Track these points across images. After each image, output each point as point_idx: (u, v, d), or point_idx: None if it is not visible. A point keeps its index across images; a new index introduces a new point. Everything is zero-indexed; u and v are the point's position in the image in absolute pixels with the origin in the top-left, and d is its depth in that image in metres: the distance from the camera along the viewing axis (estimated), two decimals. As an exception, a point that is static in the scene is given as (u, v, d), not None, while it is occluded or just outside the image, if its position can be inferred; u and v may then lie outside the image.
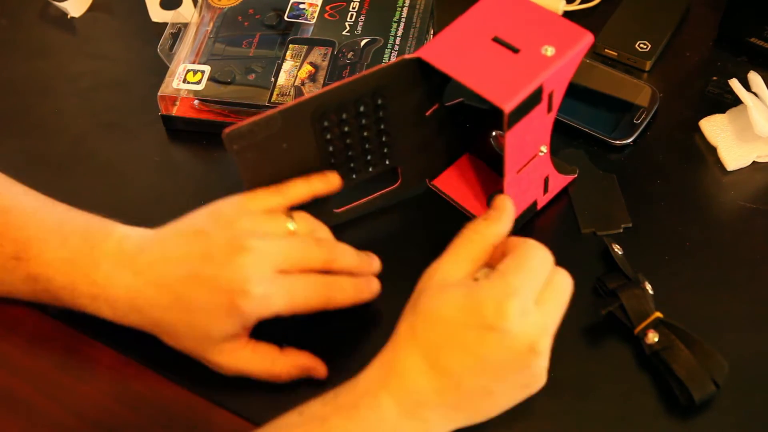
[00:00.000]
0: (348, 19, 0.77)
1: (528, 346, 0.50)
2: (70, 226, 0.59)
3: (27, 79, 0.81)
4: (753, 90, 0.71)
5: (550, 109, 0.59)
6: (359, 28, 0.76)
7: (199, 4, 0.80)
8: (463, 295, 0.51)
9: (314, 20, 0.78)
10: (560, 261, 0.65)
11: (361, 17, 0.77)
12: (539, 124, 0.59)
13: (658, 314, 0.59)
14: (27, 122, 0.78)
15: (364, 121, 0.62)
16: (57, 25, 0.86)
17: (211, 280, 0.54)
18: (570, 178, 0.69)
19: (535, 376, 0.52)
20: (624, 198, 0.68)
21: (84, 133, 0.76)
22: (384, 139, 0.64)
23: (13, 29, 0.86)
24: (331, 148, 0.62)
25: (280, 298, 0.56)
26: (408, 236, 0.68)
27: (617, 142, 0.72)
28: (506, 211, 0.56)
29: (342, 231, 0.65)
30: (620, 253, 0.63)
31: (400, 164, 0.66)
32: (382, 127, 0.63)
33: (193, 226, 0.58)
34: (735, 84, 0.71)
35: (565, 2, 0.82)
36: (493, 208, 0.57)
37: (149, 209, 0.70)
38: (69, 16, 0.86)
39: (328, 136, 0.61)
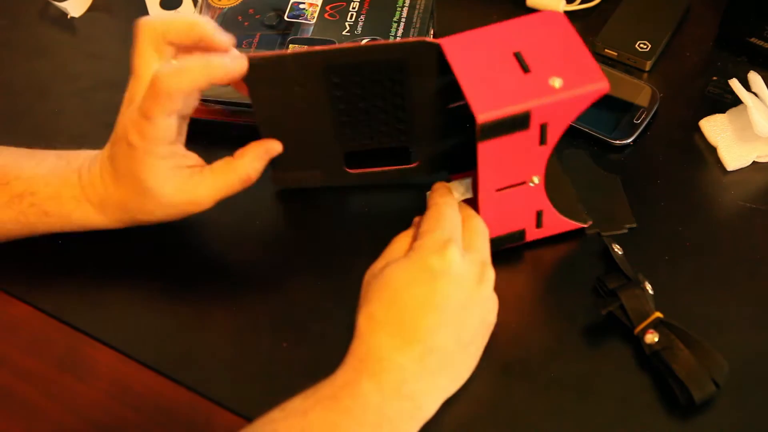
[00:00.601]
0: (348, 19, 0.77)
1: (477, 278, 0.55)
2: (41, 153, 0.64)
3: (27, 79, 0.81)
4: (753, 90, 0.71)
5: (543, 142, 0.57)
6: (359, 28, 0.76)
7: (199, 4, 0.80)
8: (404, 264, 0.54)
9: (314, 20, 0.78)
10: (560, 261, 0.66)
11: (361, 17, 0.77)
12: (527, 152, 0.57)
13: (658, 314, 0.59)
14: (27, 122, 0.78)
15: (377, 90, 0.62)
16: (57, 25, 0.86)
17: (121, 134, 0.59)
18: (576, 225, 0.66)
19: (488, 305, 0.57)
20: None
21: (84, 133, 0.76)
22: (399, 114, 0.63)
23: (13, 29, 0.86)
24: (342, 106, 0.63)
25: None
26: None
27: (617, 142, 0.72)
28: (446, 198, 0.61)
29: (337, 242, 0.66)
30: (620, 253, 0.63)
31: (416, 146, 0.66)
32: (397, 101, 0.63)
33: None
34: (735, 84, 0.71)
35: (565, 2, 0.82)
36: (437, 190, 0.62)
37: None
38: (69, 16, 0.86)
39: (339, 94, 0.62)
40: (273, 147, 0.63)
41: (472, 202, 0.63)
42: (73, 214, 0.62)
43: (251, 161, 0.62)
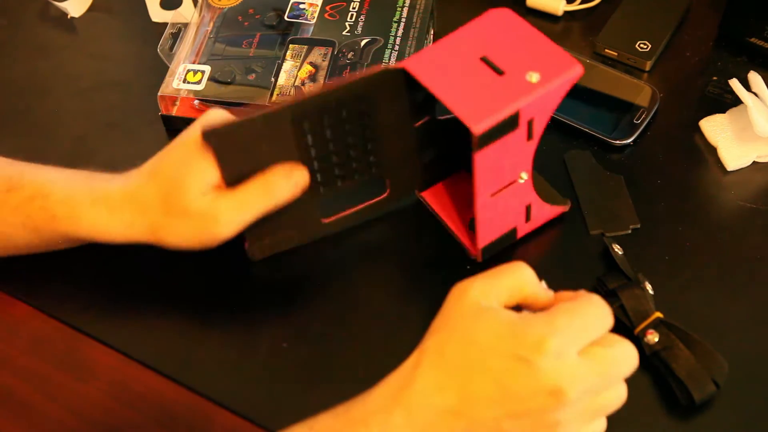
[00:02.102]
0: (348, 19, 0.77)
1: (552, 388, 0.46)
2: (55, 166, 0.63)
3: (27, 79, 0.81)
4: (753, 90, 0.71)
5: (530, 137, 0.57)
6: (359, 28, 0.76)
7: (199, 4, 0.80)
8: (503, 323, 0.48)
9: (314, 20, 0.78)
10: (561, 261, 0.65)
11: (361, 17, 0.77)
12: (517, 150, 0.58)
13: (658, 314, 0.59)
14: (27, 122, 0.78)
15: (347, 127, 0.61)
16: (57, 25, 0.86)
17: (181, 143, 0.60)
18: (560, 209, 0.66)
19: (556, 430, 0.48)
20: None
21: (84, 133, 0.76)
22: (369, 146, 0.63)
23: (13, 29, 0.86)
24: (312, 152, 0.61)
25: (247, 209, 0.59)
26: (399, 247, 0.68)
27: (617, 142, 0.72)
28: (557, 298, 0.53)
29: (334, 243, 0.66)
30: (620, 253, 0.63)
31: (387, 174, 0.66)
32: (367, 134, 0.62)
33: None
34: (735, 84, 0.70)
35: (565, 2, 0.82)
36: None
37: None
38: (69, 16, 0.86)
39: (309, 140, 0.60)
40: (299, 169, 0.61)
41: (465, 211, 0.63)
42: (84, 218, 0.60)
43: (277, 177, 0.59)
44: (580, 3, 0.83)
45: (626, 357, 0.49)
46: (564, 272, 0.65)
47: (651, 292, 0.61)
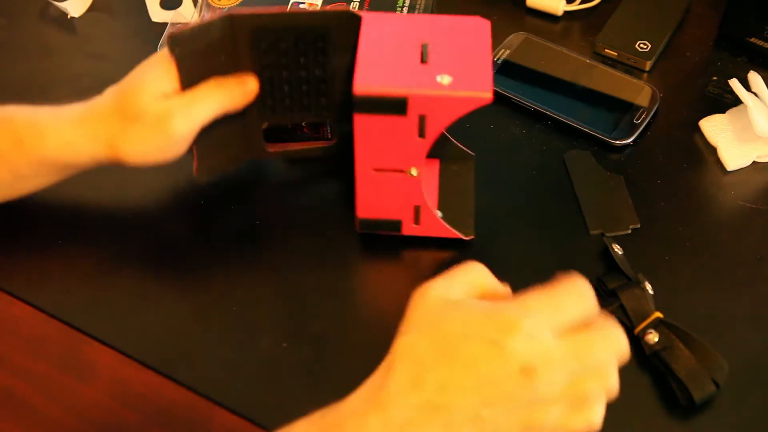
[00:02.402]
0: (348, 19, 0.77)
1: (523, 365, 0.45)
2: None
3: (27, 79, 0.81)
4: (753, 90, 0.71)
5: (422, 135, 0.57)
6: (359, 28, 0.76)
7: (199, 4, 0.80)
8: (473, 310, 0.48)
9: (314, 20, 0.78)
10: (561, 261, 0.65)
11: (361, 17, 0.77)
12: (405, 140, 0.58)
13: (658, 314, 0.59)
14: (27, 122, 0.77)
15: (302, 60, 0.62)
16: (57, 25, 0.86)
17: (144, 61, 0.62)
18: (453, 234, 0.64)
19: (536, 416, 0.46)
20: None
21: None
22: (322, 87, 0.64)
23: (13, 29, 0.86)
24: (266, 74, 0.63)
25: (201, 106, 0.61)
26: (398, 247, 0.68)
27: (617, 142, 0.72)
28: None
29: (335, 243, 0.66)
30: (620, 253, 0.63)
31: (337, 120, 0.66)
32: (320, 73, 0.63)
33: None
34: (735, 84, 0.71)
35: (565, 2, 0.82)
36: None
37: (149, 209, 0.70)
38: (69, 16, 0.86)
39: (265, 61, 0.62)
40: (251, 78, 0.63)
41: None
42: (48, 136, 0.62)
43: (230, 81, 0.62)
44: (580, 3, 0.83)
45: (608, 341, 0.48)
46: (564, 272, 0.65)
47: (651, 292, 0.61)
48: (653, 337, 0.58)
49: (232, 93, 0.63)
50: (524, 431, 0.47)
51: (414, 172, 0.60)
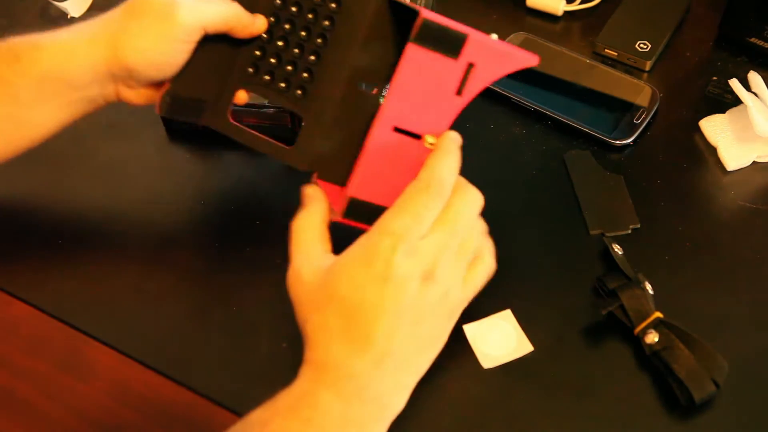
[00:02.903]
0: (348, 19, 0.77)
1: (419, 280, 0.50)
2: None
3: (27, 79, 0.81)
4: (753, 90, 0.71)
5: (460, 91, 0.54)
6: (359, 28, 0.76)
7: (199, 3, 0.80)
8: (349, 265, 0.51)
9: (314, 20, 0.77)
10: (561, 261, 0.65)
11: (361, 17, 0.77)
12: (442, 92, 0.54)
13: (658, 314, 0.59)
14: (27, 122, 0.77)
15: (310, 18, 0.58)
16: (57, 25, 0.85)
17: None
18: None
19: (450, 301, 0.53)
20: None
21: (84, 133, 0.76)
22: (308, 75, 0.59)
23: (13, 29, 0.86)
24: (273, 21, 0.59)
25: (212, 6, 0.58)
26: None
27: (617, 142, 0.72)
28: (316, 198, 0.56)
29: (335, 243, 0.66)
30: (620, 253, 0.63)
31: (306, 115, 0.59)
32: (320, 44, 0.58)
33: None
34: (735, 84, 0.71)
35: (565, 2, 0.82)
36: (305, 196, 0.56)
37: (149, 209, 0.70)
38: (69, 16, 0.86)
39: (278, 3, 0.59)
40: (261, 17, 0.59)
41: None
42: (45, 47, 0.58)
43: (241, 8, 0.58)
44: (580, 3, 0.83)
45: (467, 204, 0.53)
46: (564, 272, 0.65)
47: (651, 292, 0.61)
48: (653, 337, 0.58)
49: (240, 13, 0.58)
50: (450, 316, 0.54)
51: (430, 140, 0.54)
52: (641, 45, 0.78)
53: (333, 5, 0.58)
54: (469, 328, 0.61)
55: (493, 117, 0.75)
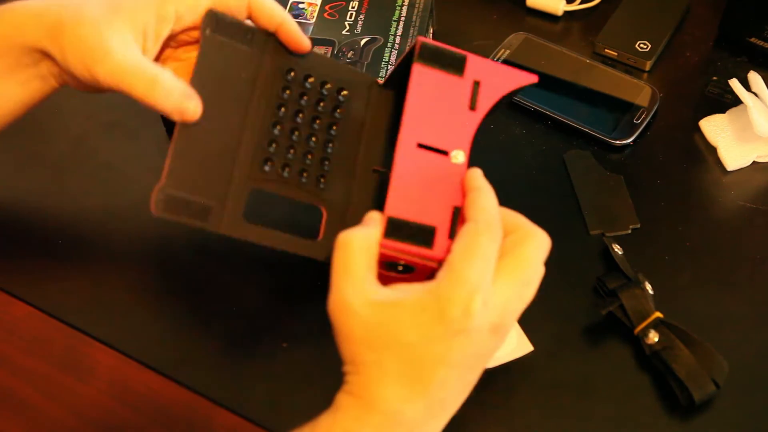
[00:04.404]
0: (347, 19, 0.77)
1: (489, 332, 0.47)
2: None
3: (27, 79, 0.81)
4: (753, 90, 0.71)
5: (473, 106, 0.54)
6: (359, 28, 0.77)
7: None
8: (415, 308, 0.47)
9: (314, 20, 0.78)
10: (560, 261, 0.65)
11: (361, 16, 0.77)
12: (457, 107, 0.53)
13: (658, 314, 0.59)
14: (27, 122, 0.77)
15: (317, 121, 0.57)
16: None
17: None
18: None
19: (491, 350, 0.50)
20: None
21: (84, 133, 0.76)
22: (326, 165, 0.57)
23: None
24: (281, 111, 0.56)
25: None
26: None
27: (617, 142, 0.72)
28: (375, 221, 0.51)
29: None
30: (620, 253, 0.63)
31: (327, 206, 0.57)
32: (330, 147, 0.57)
33: None
34: (735, 84, 0.71)
35: (565, 2, 0.82)
36: (367, 218, 0.51)
37: (149, 209, 0.70)
38: (69, 16, 0.86)
39: (285, 95, 0.56)
40: (196, 98, 0.53)
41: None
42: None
43: (172, 89, 0.53)
44: (580, 3, 0.83)
45: (538, 251, 0.50)
46: (564, 272, 0.65)
47: (651, 292, 0.61)
48: (653, 337, 0.58)
49: (170, 86, 0.53)
50: (485, 359, 0.51)
51: (460, 158, 0.53)
52: (641, 45, 0.78)
53: (344, 92, 0.58)
54: (469, 328, 0.61)
55: (493, 117, 0.75)
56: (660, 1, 0.82)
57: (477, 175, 0.52)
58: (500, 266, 0.48)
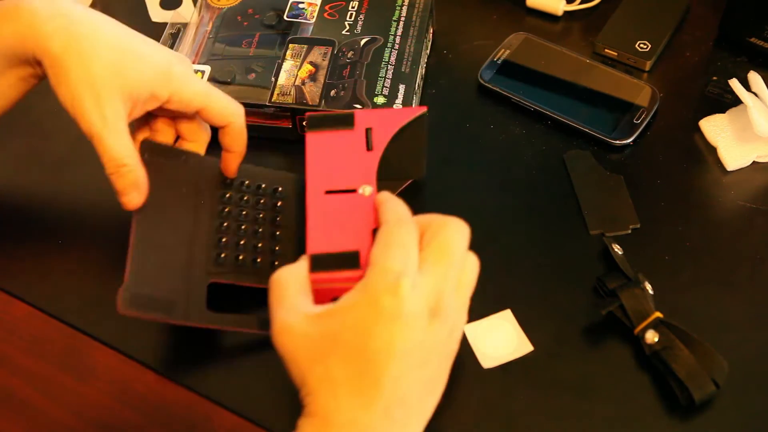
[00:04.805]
0: (347, 19, 0.77)
1: (428, 316, 0.48)
2: None
3: (27, 79, 0.81)
4: (753, 90, 0.71)
5: (369, 147, 0.60)
6: (359, 28, 0.76)
7: (198, 4, 0.80)
8: (348, 307, 0.48)
9: (314, 20, 0.78)
10: (560, 261, 0.65)
11: (361, 16, 0.77)
12: (354, 155, 0.59)
13: (658, 314, 0.59)
14: (27, 122, 0.77)
15: (260, 214, 0.64)
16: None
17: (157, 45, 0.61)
18: None
19: (453, 339, 0.51)
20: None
21: (84, 133, 0.76)
22: (277, 248, 0.63)
23: (13, 29, 0.86)
24: (226, 211, 0.63)
25: (204, 86, 0.61)
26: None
27: (617, 142, 0.72)
28: (301, 259, 0.54)
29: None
30: (620, 253, 0.63)
31: None
32: (277, 234, 0.64)
33: None
34: (735, 84, 0.71)
35: (565, 2, 0.82)
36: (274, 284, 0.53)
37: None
38: (69, 16, 0.86)
39: (227, 198, 0.63)
40: (144, 184, 0.59)
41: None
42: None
43: (136, 176, 0.58)
44: (580, 3, 0.83)
45: (457, 235, 0.51)
46: (564, 272, 0.65)
47: (651, 292, 0.61)
48: (653, 337, 0.58)
49: (131, 171, 0.58)
50: (451, 356, 0.51)
51: (367, 190, 0.57)
52: (641, 45, 0.78)
53: (279, 189, 0.66)
54: (469, 328, 0.62)
55: (493, 117, 0.75)
56: (660, 1, 0.82)
57: (384, 194, 0.55)
58: (423, 256, 0.50)
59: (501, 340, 0.61)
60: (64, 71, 0.56)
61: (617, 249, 0.64)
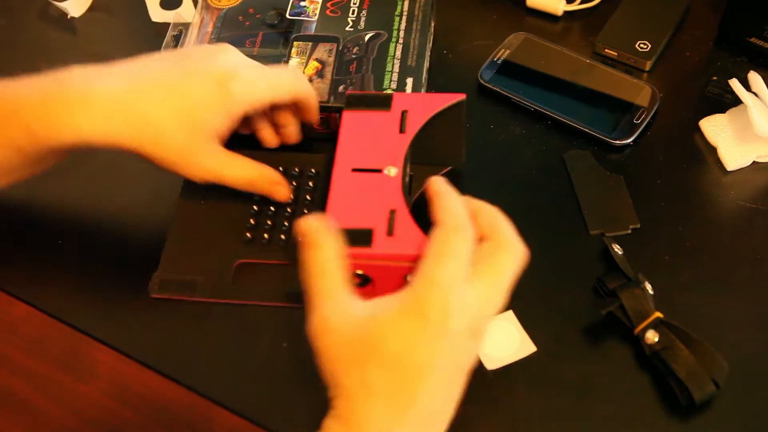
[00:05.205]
0: (350, 15, 0.77)
1: (468, 335, 0.48)
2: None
3: (27, 79, 0.81)
4: (753, 90, 0.71)
5: (402, 130, 0.61)
6: (362, 23, 0.76)
7: (198, 4, 0.80)
8: (395, 316, 0.47)
9: (316, 17, 0.78)
10: (560, 261, 0.65)
11: (363, 12, 0.77)
12: (386, 136, 0.61)
13: (658, 314, 0.59)
14: (27, 122, 0.78)
15: (294, 185, 0.67)
16: (57, 25, 0.86)
17: (202, 69, 0.60)
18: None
19: (472, 356, 0.50)
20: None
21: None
22: (306, 213, 0.66)
23: (13, 29, 0.86)
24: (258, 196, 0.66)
25: (264, 82, 0.62)
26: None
27: (617, 142, 0.72)
28: (322, 232, 0.52)
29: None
30: (620, 253, 0.63)
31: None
32: (308, 199, 0.67)
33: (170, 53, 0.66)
34: (735, 84, 0.70)
35: (565, 2, 0.82)
36: (309, 233, 0.52)
37: (149, 209, 0.70)
38: (69, 16, 0.86)
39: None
40: (282, 190, 0.65)
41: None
42: (57, 126, 0.56)
43: (263, 177, 0.64)
44: (580, 3, 0.83)
45: (513, 261, 0.51)
46: (564, 272, 0.65)
47: (651, 292, 0.61)
48: (653, 337, 0.58)
49: (266, 176, 0.64)
50: (466, 370, 0.50)
51: (393, 171, 0.59)
52: (641, 45, 0.78)
53: (312, 169, 0.68)
54: (469, 328, 0.61)
55: (493, 117, 0.75)
56: (660, 1, 0.82)
57: (439, 181, 0.54)
58: (475, 271, 0.49)
59: (504, 341, 0.61)
60: (149, 158, 0.60)
61: (617, 249, 0.64)
